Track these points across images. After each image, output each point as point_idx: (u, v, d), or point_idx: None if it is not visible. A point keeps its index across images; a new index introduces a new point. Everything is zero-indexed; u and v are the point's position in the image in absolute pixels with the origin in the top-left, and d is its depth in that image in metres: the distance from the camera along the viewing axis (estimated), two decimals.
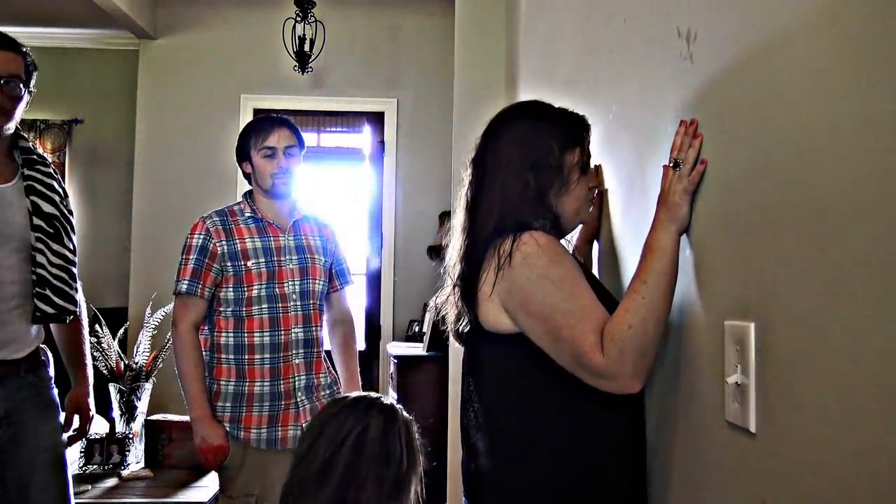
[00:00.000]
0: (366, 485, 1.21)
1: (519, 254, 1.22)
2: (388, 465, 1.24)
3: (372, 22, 4.85)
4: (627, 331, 1.12)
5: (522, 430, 1.27)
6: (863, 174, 0.72)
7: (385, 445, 1.25)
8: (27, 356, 1.91)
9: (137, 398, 3.07)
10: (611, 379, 1.14)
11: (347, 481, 1.21)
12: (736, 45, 0.99)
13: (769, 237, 0.90)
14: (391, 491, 1.23)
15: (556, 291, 1.20)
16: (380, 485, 1.22)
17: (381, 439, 1.25)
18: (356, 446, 1.24)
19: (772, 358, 0.89)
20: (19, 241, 1.87)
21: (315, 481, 1.22)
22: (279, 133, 2.28)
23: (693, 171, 1.10)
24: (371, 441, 1.25)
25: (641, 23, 1.38)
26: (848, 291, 0.75)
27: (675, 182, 1.13)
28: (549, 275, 1.21)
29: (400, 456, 1.26)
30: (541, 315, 1.21)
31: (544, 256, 1.22)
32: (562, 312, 1.19)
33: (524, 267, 1.22)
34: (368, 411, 1.28)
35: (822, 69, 0.80)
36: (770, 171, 0.90)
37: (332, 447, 1.24)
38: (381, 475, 1.23)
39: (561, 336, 1.18)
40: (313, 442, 1.26)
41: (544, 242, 1.24)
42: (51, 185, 1.96)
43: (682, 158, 1.12)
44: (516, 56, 2.82)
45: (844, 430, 0.75)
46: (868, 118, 0.72)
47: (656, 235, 1.15)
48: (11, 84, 1.84)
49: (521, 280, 1.22)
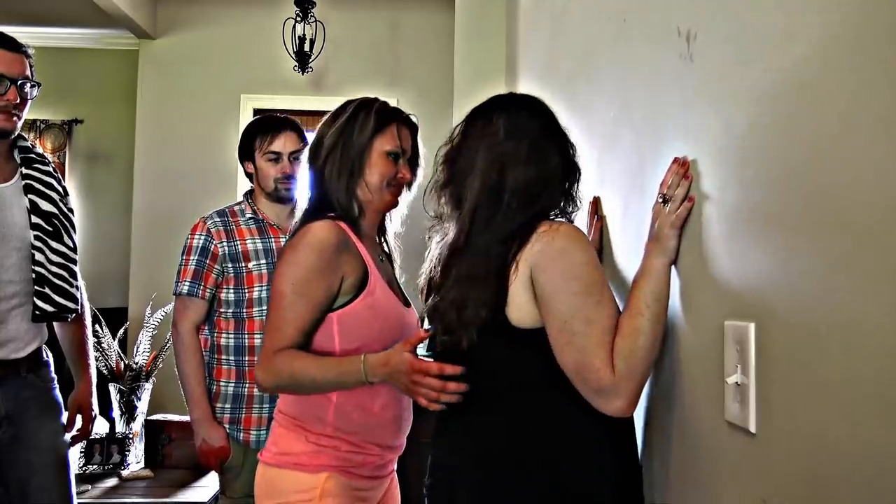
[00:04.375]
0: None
1: (558, 243, 1.18)
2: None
3: (372, 22, 4.85)
4: (637, 352, 1.13)
5: (541, 432, 1.21)
6: (863, 174, 0.72)
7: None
8: (28, 356, 1.91)
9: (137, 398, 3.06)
10: (613, 398, 1.14)
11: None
12: (736, 45, 0.99)
13: (769, 237, 0.90)
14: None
15: (585, 296, 1.16)
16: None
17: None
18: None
19: (772, 358, 0.89)
20: (19, 239, 1.87)
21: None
22: (286, 137, 2.26)
23: (681, 206, 1.13)
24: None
25: (641, 23, 1.38)
26: (848, 291, 0.75)
27: (663, 217, 1.16)
28: (582, 275, 1.17)
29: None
30: (560, 314, 1.17)
31: (581, 252, 1.19)
32: (582, 319, 1.15)
33: (561, 259, 1.17)
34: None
35: (823, 68, 0.80)
36: (770, 171, 0.90)
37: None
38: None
39: (574, 342, 1.15)
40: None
41: (582, 238, 1.21)
42: (50, 184, 1.96)
43: (670, 196, 1.14)
44: (516, 55, 2.82)
45: (844, 429, 0.75)
46: (868, 118, 0.72)
47: (650, 261, 1.18)
48: (20, 84, 1.86)
49: (554, 273, 1.17)
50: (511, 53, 2.94)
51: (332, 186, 1.53)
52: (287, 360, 1.41)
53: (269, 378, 1.43)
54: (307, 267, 1.42)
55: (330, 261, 1.43)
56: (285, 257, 1.46)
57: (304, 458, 1.47)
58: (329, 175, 1.53)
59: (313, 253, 1.42)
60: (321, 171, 1.54)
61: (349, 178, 1.52)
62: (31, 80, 1.90)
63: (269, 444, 1.53)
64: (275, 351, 1.42)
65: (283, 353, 1.42)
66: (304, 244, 1.44)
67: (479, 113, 1.34)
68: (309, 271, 1.42)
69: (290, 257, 1.45)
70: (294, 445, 1.48)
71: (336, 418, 1.48)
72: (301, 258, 1.43)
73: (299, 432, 1.49)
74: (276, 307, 1.44)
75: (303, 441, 1.48)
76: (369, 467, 1.52)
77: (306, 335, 1.44)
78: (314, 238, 1.44)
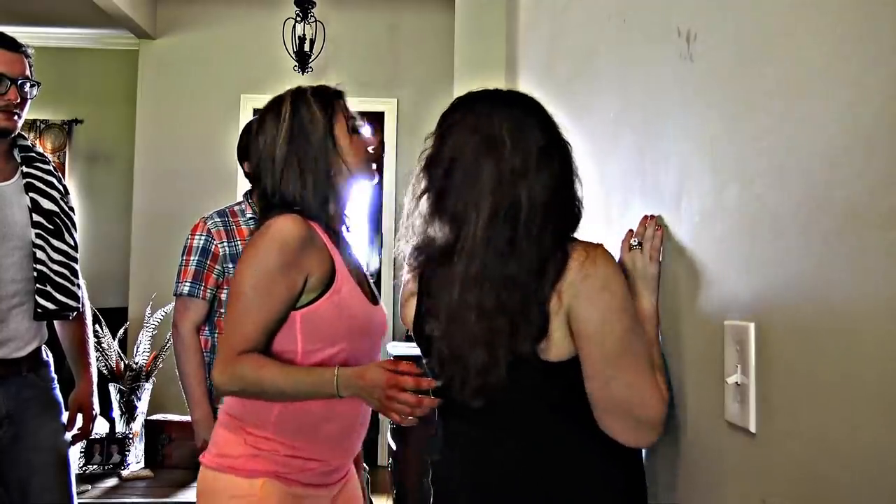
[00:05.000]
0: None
1: (600, 272, 1.10)
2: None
3: (372, 22, 4.85)
4: (665, 386, 1.16)
5: (570, 462, 1.16)
6: (863, 174, 0.72)
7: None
8: (28, 355, 1.91)
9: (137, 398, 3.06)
10: (656, 431, 1.14)
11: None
12: (736, 45, 0.99)
13: (769, 237, 0.90)
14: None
15: (632, 330, 1.11)
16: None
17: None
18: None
19: (772, 358, 0.89)
20: (20, 238, 1.87)
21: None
22: None
23: (654, 237, 1.21)
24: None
25: (641, 23, 1.38)
26: (847, 291, 0.75)
27: (639, 259, 1.23)
28: (628, 308, 1.12)
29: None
30: (610, 349, 1.09)
31: (622, 284, 1.12)
32: (632, 353, 1.10)
33: (607, 291, 1.10)
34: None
35: (823, 69, 0.80)
36: (769, 171, 0.90)
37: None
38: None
39: (623, 377, 1.10)
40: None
41: (615, 262, 1.15)
42: (50, 182, 1.96)
43: (644, 239, 1.23)
44: (516, 56, 2.82)
45: (844, 429, 0.75)
46: (869, 119, 0.72)
47: (642, 305, 1.22)
48: (20, 84, 1.87)
49: (601, 305, 1.10)
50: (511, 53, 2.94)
51: (295, 190, 1.43)
52: (253, 366, 1.33)
53: (232, 382, 1.35)
54: (269, 264, 1.34)
55: (293, 257, 1.35)
56: (246, 254, 1.38)
57: (241, 461, 1.40)
58: (292, 184, 1.42)
59: (275, 249, 1.34)
60: (279, 183, 1.43)
61: (319, 177, 1.43)
62: (31, 79, 1.91)
63: (210, 445, 1.47)
64: (236, 353, 1.34)
65: (247, 358, 1.34)
66: (266, 240, 1.35)
67: (468, 111, 1.21)
68: (271, 268, 1.34)
69: (251, 254, 1.37)
70: (233, 448, 1.41)
71: (278, 421, 1.40)
72: (262, 255, 1.35)
73: (239, 434, 1.42)
74: (235, 306, 1.36)
75: (241, 444, 1.41)
76: (311, 474, 1.44)
77: (269, 335, 1.37)
78: (277, 233, 1.35)
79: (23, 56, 1.90)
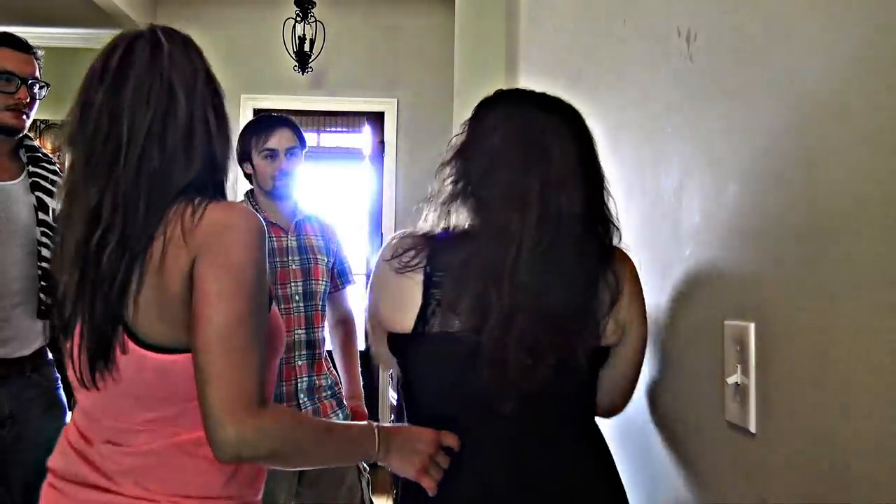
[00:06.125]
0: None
1: (636, 274, 1.19)
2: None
3: (372, 22, 4.85)
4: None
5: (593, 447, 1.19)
6: (863, 175, 0.73)
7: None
8: (32, 355, 1.91)
9: None
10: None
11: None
12: (736, 45, 0.99)
13: (769, 237, 0.90)
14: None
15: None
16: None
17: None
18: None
19: (772, 358, 0.89)
20: (24, 237, 1.89)
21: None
22: (280, 134, 2.27)
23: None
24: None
25: (641, 23, 1.38)
26: (847, 291, 0.75)
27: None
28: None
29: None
30: (642, 339, 1.20)
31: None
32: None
33: (641, 291, 1.19)
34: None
35: (823, 69, 0.80)
36: (770, 171, 0.90)
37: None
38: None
39: (641, 362, 1.22)
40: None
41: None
42: (56, 182, 1.98)
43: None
44: (516, 56, 2.82)
45: (844, 429, 0.75)
46: (870, 121, 0.72)
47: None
48: (30, 84, 1.91)
49: (639, 303, 1.18)
50: (511, 54, 2.94)
51: (216, 158, 1.10)
52: (291, 422, 1.02)
53: (263, 443, 0.96)
54: (257, 270, 1.00)
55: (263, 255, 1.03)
56: (220, 265, 0.98)
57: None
58: (209, 148, 1.09)
59: (256, 248, 1.01)
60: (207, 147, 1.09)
61: (225, 140, 1.12)
62: (41, 80, 1.96)
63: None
64: (257, 403, 0.96)
65: (279, 411, 1.05)
66: (241, 238, 1.00)
67: (513, 110, 1.16)
68: (259, 274, 1.01)
69: (224, 262, 0.98)
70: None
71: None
72: (244, 258, 0.99)
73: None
74: (234, 338, 0.96)
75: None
76: None
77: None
78: (246, 226, 1.01)
79: (33, 57, 1.95)
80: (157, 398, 1.02)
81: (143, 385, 1.01)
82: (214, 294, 0.96)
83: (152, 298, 0.99)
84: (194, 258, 0.98)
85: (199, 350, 0.96)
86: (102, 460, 1.03)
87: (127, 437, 1.03)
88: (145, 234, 1.00)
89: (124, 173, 1.02)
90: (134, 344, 1.00)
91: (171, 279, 0.99)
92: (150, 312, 1.00)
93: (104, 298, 1.00)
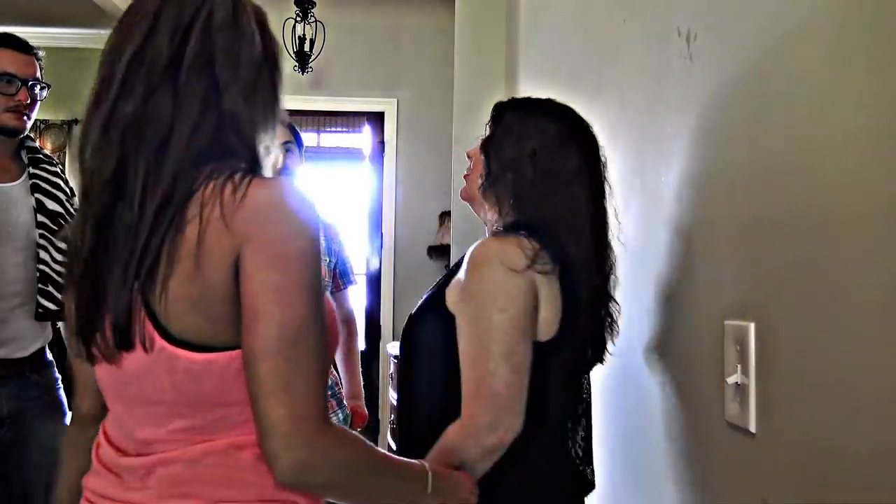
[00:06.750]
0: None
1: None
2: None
3: (372, 22, 4.85)
4: None
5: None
6: (862, 175, 0.73)
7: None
8: (31, 356, 1.91)
9: None
10: None
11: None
12: (736, 45, 0.99)
13: (769, 237, 0.90)
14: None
15: None
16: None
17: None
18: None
19: (772, 358, 0.89)
20: (24, 238, 1.89)
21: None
22: None
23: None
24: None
25: (641, 23, 1.38)
26: (847, 291, 0.75)
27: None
28: None
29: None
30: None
31: None
32: None
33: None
34: None
35: (823, 70, 0.80)
36: (770, 172, 0.90)
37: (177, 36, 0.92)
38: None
39: None
40: (149, 34, 0.94)
41: None
42: (57, 184, 1.98)
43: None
44: (516, 56, 2.82)
45: (844, 429, 0.75)
46: (869, 121, 0.72)
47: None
48: (31, 85, 1.90)
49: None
50: (511, 54, 2.94)
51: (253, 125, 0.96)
52: (355, 445, 0.88)
53: (327, 469, 0.84)
54: (316, 262, 0.92)
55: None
56: (276, 256, 0.85)
57: None
58: (249, 108, 0.95)
59: (312, 236, 0.91)
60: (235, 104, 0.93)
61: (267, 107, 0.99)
62: (41, 81, 1.95)
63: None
64: (324, 419, 0.84)
65: (343, 432, 0.90)
66: (296, 224, 0.89)
67: (549, 124, 1.22)
68: (319, 268, 0.92)
69: (281, 252, 0.86)
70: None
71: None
72: (302, 248, 0.89)
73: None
74: (301, 342, 0.84)
75: None
76: None
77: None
78: (301, 208, 0.91)
79: (34, 58, 1.94)
80: (188, 404, 0.87)
81: (173, 389, 0.86)
82: (272, 290, 0.83)
83: (186, 287, 0.84)
84: (241, 246, 0.83)
85: (258, 355, 0.82)
86: (136, 473, 0.90)
87: (160, 447, 0.89)
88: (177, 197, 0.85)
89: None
90: (163, 340, 0.84)
91: (212, 267, 0.83)
92: (184, 304, 0.84)
93: (126, 282, 0.85)
